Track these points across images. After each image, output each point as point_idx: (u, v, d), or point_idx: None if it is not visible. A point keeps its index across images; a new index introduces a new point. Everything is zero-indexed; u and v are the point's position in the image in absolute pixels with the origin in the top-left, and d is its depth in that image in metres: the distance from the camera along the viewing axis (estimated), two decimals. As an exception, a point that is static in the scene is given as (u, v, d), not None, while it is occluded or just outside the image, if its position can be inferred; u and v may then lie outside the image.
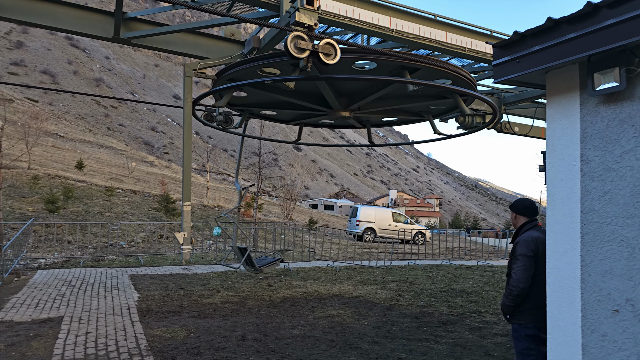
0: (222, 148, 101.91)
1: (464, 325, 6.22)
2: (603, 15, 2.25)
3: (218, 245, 12.85)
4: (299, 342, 5.22)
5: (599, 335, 2.35)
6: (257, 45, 5.85)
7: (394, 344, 5.27)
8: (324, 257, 12.95)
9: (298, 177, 38.39)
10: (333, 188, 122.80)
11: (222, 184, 55.45)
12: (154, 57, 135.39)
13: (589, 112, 2.50)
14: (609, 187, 2.36)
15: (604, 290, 2.34)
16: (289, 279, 9.41)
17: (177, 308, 6.57)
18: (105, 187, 21.16)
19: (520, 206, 3.50)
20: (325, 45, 4.37)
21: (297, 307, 7.01)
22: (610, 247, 2.33)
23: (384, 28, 6.04)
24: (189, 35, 6.73)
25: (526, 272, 3.17)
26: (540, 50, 2.59)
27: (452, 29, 6.77)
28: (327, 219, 36.71)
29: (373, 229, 22.21)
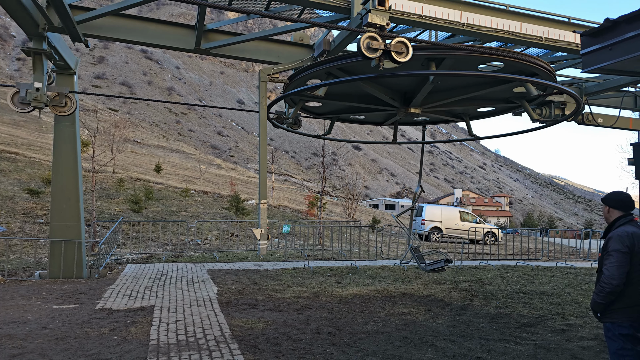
0: (283, 150, 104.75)
1: (545, 327, 5.94)
2: None
3: (286, 243, 13.34)
4: (373, 338, 5.33)
5: None
6: (328, 47, 6.07)
7: (470, 344, 5.20)
8: (391, 256, 12.91)
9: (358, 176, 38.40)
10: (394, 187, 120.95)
11: (285, 184, 57.06)
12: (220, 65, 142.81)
13: (694, 98, 2.35)
14: None
15: None
16: (357, 276, 9.55)
17: (253, 301, 6.99)
18: (180, 188, 22.83)
19: (614, 199, 3.33)
20: (397, 44, 4.44)
21: (367, 304, 7.12)
22: None
23: (454, 22, 5.96)
24: (261, 42, 7.14)
25: (620, 268, 3.02)
26: (635, 37, 2.49)
27: (527, 18, 6.48)
28: (389, 219, 36.32)
29: (439, 229, 21.63)
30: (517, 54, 4.80)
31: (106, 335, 5.15)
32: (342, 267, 10.63)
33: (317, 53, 6.24)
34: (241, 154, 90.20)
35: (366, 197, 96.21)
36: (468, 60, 4.60)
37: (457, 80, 5.34)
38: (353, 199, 27.52)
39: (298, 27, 6.31)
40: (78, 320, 5.73)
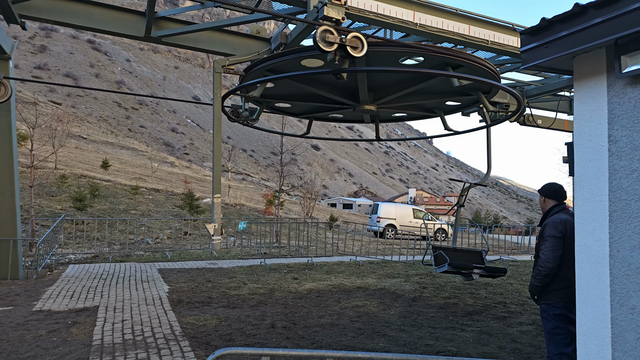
0: (241, 148, 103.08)
1: (489, 315, 6.27)
2: (629, 0, 2.33)
3: (242, 241, 13.14)
4: (327, 330, 5.38)
5: (628, 308, 2.43)
6: (285, 41, 6.05)
7: (420, 332, 5.38)
8: (347, 252, 13.09)
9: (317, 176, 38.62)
10: (352, 187, 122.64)
11: (242, 183, 56.15)
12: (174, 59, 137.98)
13: (616, 94, 2.57)
14: (637, 165, 2.44)
15: (633, 264, 2.42)
16: (313, 272, 9.59)
17: (206, 299, 6.82)
18: (129, 186, 21.82)
19: (549, 189, 3.58)
20: (352, 38, 4.50)
21: (323, 298, 7.18)
22: (638, 223, 2.41)
23: (408, 22, 6.14)
24: (216, 33, 6.97)
25: (554, 252, 3.25)
26: (567, 36, 2.68)
27: (475, 22, 6.80)
28: (347, 217, 36.81)
29: (394, 226, 22.22)
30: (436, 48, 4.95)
31: (44, 337, 4.82)
32: (299, 263, 10.64)
33: (274, 46, 6.20)
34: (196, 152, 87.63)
35: (325, 196, 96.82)
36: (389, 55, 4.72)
37: (388, 76, 5.52)
38: (311, 198, 27.64)
39: (254, 19, 6.24)
40: (12, 322, 5.32)
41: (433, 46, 4.67)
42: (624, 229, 2.48)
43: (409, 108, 6.95)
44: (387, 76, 5.56)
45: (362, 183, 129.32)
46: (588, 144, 2.71)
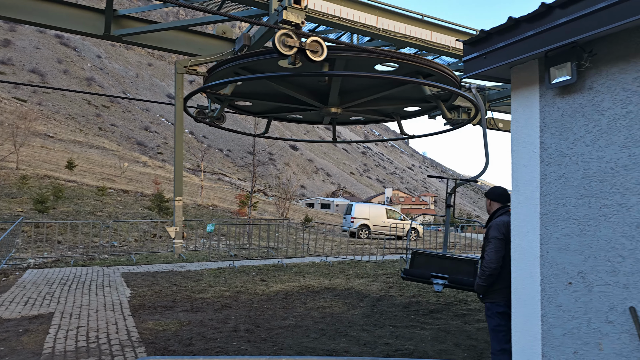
0: (217, 148, 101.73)
1: (449, 313, 6.45)
2: (556, 15, 2.47)
3: (211, 243, 13.01)
4: (290, 332, 5.42)
5: (555, 306, 2.58)
6: (248, 42, 6.04)
7: (381, 331, 5.49)
8: (318, 253, 13.15)
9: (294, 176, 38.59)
10: (330, 187, 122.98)
11: (217, 183, 55.44)
12: (147, 56, 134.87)
13: (547, 104, 2.72)
14: (564, 171, 2.59)
15: (560, 265, 2.57)
16: (283, 273, 9.61)
17: (169, 303, 6.74)
18: (96, 187, 21.20)
19: (495, 193, 3.74)
20: (312, 42, 4.57)
21: (289, 299, 7.21)
22: (565, 226, 2.56)
23: (371, 27, 6.24)
24: (180, 33, 6.89)
25: (497, 253, 3.40)
26: (504, 47, 2.81)
27: (437, 28, 6.98)
28: (323, 217, 36.94)
29: (367, 226, 22.45)
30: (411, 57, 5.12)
31: (-8, 346, 4.66)
32: (268, 265, 10.63)
33: (238, 47, 6.19)
34: (170, 152, 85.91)
35: (303, 196, 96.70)
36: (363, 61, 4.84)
37: (362, 81, 5.63)
38: (286, 198, 27.59)
39: (217, 20, 6.20)
40: (-40, 331, 5.12)
41: (408, 55, 4.79)
42: (552, 231, 2.63)
43: (368, 112, 7.09)
44: (361, 81, 5.65)
45: (340, 183, 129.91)
46: (522, 150, 2.85)
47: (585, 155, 2.48)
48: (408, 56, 4.67)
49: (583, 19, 2.34)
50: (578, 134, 2.53)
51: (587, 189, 2.46)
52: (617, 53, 2.37)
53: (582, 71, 2.50)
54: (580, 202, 2.49)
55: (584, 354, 2.43)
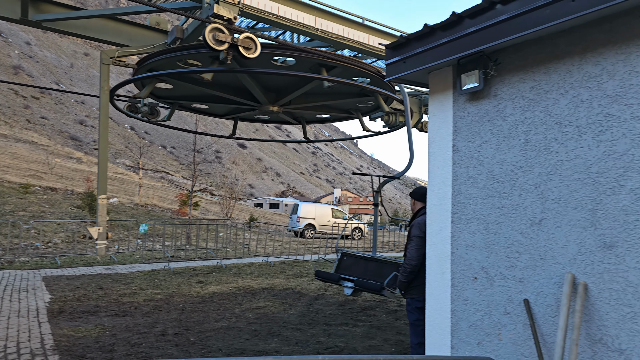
0: (160, 144, 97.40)
1: (382, 310, 6.64)
2: (466, 24, 2.61)
3: (144, 244, 12.42)
4: (222, 334, 5.29)
5: (462, 299, 2.73)
6: (181, 35, 5.83)
7: (315, 330, 5.53)
8: (260, 253, 13.01)
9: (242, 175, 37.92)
10: (279, 187, 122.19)
11: (160, 182, 53.10)
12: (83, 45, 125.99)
13: (459, 108, 2.87)
14: (472, 172, 2.74)
15: (467, 261, 2.72)
16: (221, 275, 9.39)
17: (93, 307, 6.33)
18: (20, 184, 19.46)
19: (418, 193, 3.89)
20: (245, 39, 4.49)
21: (224, 301, 7.05)
22: (472, 224, 2.71)
23: (310, 27, 6.26)
24: (109, 21, 6.49)
25: (418, 251, 3.54)
26: (421, 52, 2.93)
27: (376, 32, 7.15)
28: (270, 217, 36.63)
29: (313, 225, 22.59)
30: (356, 61, 5.28)
31: None
32: (206, 266, 10.34)
33: (170, 40, 5.95)
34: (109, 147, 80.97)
35: (251, 196, 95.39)
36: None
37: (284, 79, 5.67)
38: (231, 198, 27.01)
39: (147, 10, 5.92)
40: None
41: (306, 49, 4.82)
42: (461, 229, 2.78)
43: (325, 109, 7.15)
44: (278, 78, 5.65)
45: (289, 183, 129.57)
46: (437, 153, 2.99)
47: (490, 158, 2.64)
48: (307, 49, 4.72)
49: (488, 30, 2.49)
50: (484, 138, 2.69)
51: (490, 190, 2.62)
52: (517, 63, 2.54)
53: (488, 79, 2.67)
54: (485, 202, 2.65)
55: (486, 344, 2.59)
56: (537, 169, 2.39)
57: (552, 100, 2.35)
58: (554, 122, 2.33)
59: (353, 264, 4.98)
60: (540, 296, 2.34)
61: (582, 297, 2.14)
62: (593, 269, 2.14)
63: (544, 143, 2.37)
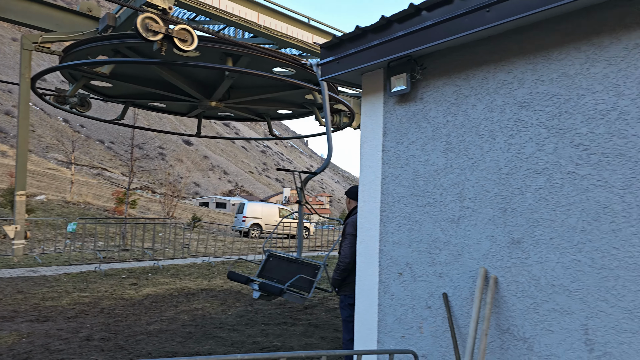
0: (97, 139, 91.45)
1: (322, 308, 6.70)
2: (395, 28, 2.70)
3: (77, 245, 11.60)
4: (153, 337, 5.07)
5: (389, 295, 2.82)
6: (113, 23, 5.49)
7: (252, 330, 5.45)
8: (201, 254, 12.62)
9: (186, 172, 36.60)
10: (226, 185, 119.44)
11: (95, 178, 49.88)
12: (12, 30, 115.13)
13: (388, 110, 2.96)
14: (399, 172, 2.84)
15: (393, 257, 2.81)
16: (157, 276, 8.99)
17: (10, 313, 5.80)
18: None
19: (353, 192, 3.96)
20: (180, 30, 4.32)
21: (159, 303, 6.76)
22: (398, 222, 2.81)
23: (252, 23, 6.17)
24: (33, 4, 5.98)
25: (351, 248, 3.60)
26: (354, 54, 2.98)
27: (320, 32, 7.21)
28: (215, 217, 35.68)
29: (259, 225, 22.32)
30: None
31: None
32: (142, 267, 9.85)
33: (101, 27, 5.59)
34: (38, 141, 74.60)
35: (196, 194, 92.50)
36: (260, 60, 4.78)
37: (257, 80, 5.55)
38: (174, 196, 25.98)
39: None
40: None
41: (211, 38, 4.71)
42: (389, 226, 2.87)
43: (241, 110, 7.03)
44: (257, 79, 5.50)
45: (237, 181, 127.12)
46: (368, 152, 3.06)
47: (415, 159, 2.75)
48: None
49: (415, 35, 2.59)
50: (411, 139, 2.79)
51: (416, 189, 2.73)
52: (441, 68, 2.67)
53: (415, 82, 2.77)
54: (410, 201, 2.75)
55: (409, 337, 2.69)
56: (456, 170, 2.53)
57: (470, 105, 2.49)
58: (472, 125, 2.48)
59: (277, 266, 4.67)
60: (458, 290, 2.47)
61: (493, 290, 2.29)
62: (503, 263, 2.29)
63: (463, 145, 2.50)
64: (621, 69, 1.95)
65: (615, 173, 1.94)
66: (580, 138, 2.05)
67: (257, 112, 7.60)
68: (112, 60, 4.87)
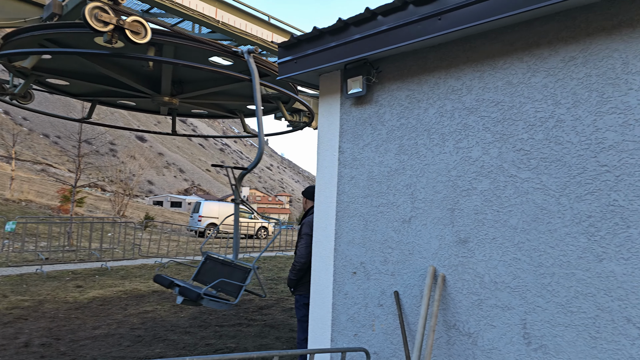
0: (42, 133, 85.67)
1: (278, 308, 6.67)
2: (351, 31, 2.74)
3: (16, 246, 10.81)
4: (99, 342, 4.82)
5: (343, 294, 2.85)
6: (59, 11, 5.16)
7: (206, 332, 5.33)
8: (153, 254, 12.16)
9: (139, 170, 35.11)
10: (182, 184, 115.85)
11: (39, 175, 46.70)
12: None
13: (345, 112, 3.00)
14: (355, 173, 2.88)
15: (348, 256, 2.85)
16: (105, 278, 8.56)
17: (-62, 320, 5.32)
18: None
19: (310, 192, 3.97)
20: (133, 22, 4.13)
21: (106, 306, 6.44)
22: (353, 221, 2.85)
23: (210, 18, 6.03)
24: (-33, -14, 5.52)
25: (307, 248, 3.62)
26: (312, 54, 2.99)
27: (280, 31, 7.17)
28: (170, 216, 34.51)
29: (216, 225, 21.85)
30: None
31: None
32: (89, 269, 9.35)
33: (46, 15, 5.24)
34: (-26, 133, 68.69)
35: (150, 193, 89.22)
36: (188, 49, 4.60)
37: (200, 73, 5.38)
38: (125, 194, 24.84)
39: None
40: None
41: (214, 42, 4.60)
42: (344, 226, 2.91)
43: (210, 106, 6.86)
44: (197, 72, 5.32)
45: (194, 180, 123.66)
46: (325, 154, 3.08)
47: (370, 160, 2.80)
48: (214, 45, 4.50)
49: (370, 38, 2.64)
50: (366, 141, 2.84)
51: (370, 190, 2.79)
52: (395, 72, 2.74)
53: (371, 85, 2.83)
54: (365, 201, 2.80)
55: (362, 335, 2.74)
56: (409, 171, 2.60)
57: (422, 109, 2.58)
58: (424, 129, 2.56)
59: (212, 269, 4.35)
60: (408, 288, 2.55)
61: (441, 288, 2.38)
62: (450, 261, 2.39)
63: (415, 148, 2.58)
64: (558, 80, 2.10)
65: (552, 177, 2.08)
66: (522, 143, 2.18)
67: (228, 109, 7.38)
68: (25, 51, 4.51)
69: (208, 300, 3.62)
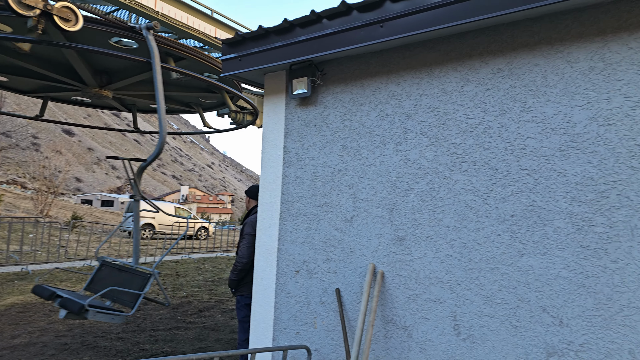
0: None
1: (218, 310, 6.52)
2: (297, 32, 2.76)
3: None
4: (19, 352, 4.41)
5: (285, 293, 2.87)
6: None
7: (140, 337, 5.07)
8: (81, 256, 11.33)
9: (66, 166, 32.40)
10: (115, 182, 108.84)
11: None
12: None
13: (290, 112, 3.02)
14: (299, 173, 2.91)
15: (291, 256, 2.87)
16: (26, 282, 7.83)
17: None
18: None
19: (253, 191, 3.93)
20: (62, 8, 3.83)
21: (27, 313, 5.90)
22: (297, 221, 2.87)
23: (148, 8, 5.75)
24: None
25: (249, 248, 3.58)
26: (257, 53, 2.97)
27: (223, 26, 7.01)
28: (100, 216, 32.28)
29: (152, 225, 20.83)
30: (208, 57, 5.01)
31: None
32: (7, 273, 8.49)
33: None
34: None
35: (78, 191, 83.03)
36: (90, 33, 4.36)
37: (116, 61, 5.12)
38: (49, 192, 22.84)
39: None
40: None
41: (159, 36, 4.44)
42: (288, 226, 2.92)
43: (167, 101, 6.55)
44: (115, 61, 5.02)
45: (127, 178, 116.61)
46: (270, 153, 3.08)
47: (315, 160, 2.84)
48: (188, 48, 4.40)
49: (316, 41, 2.68)
50: (311, 141, 2.88)
51: (314, 189, 2.83)
52: (339, 75, 2.80)
53: (316, 87, 2.87)
54: (309, 201, 2.84)
55: (303, 333, 2.77)
56: (351, 172, 2.68)
57: (365, 112, 2.66)
58: (366, 131, 2.65)
59: (108, 276, 3.91)
60: (349, 285, 2.62)
61: (380, 284, 2.48)
62: (389, 259, 2.50)
63: (357, 150, 2.66)
64: (487, 89, 2.27)
65: (481, 179, 2.25)
66: (455, 147, 2.34)
67: (123, 102, 7.05)
68: None
69: (95, 313, 3.20)
